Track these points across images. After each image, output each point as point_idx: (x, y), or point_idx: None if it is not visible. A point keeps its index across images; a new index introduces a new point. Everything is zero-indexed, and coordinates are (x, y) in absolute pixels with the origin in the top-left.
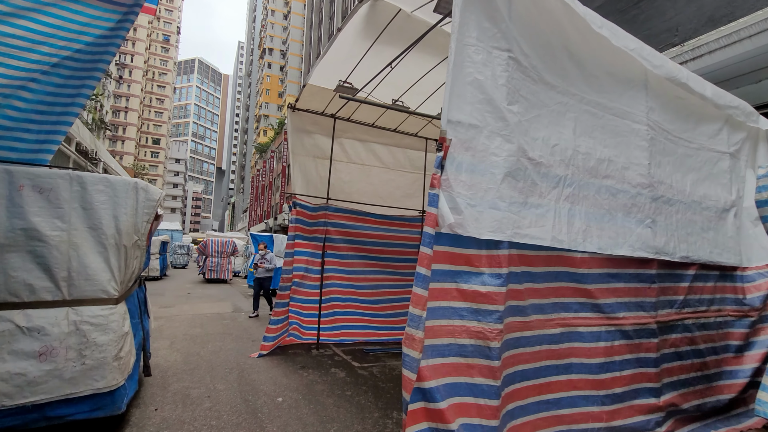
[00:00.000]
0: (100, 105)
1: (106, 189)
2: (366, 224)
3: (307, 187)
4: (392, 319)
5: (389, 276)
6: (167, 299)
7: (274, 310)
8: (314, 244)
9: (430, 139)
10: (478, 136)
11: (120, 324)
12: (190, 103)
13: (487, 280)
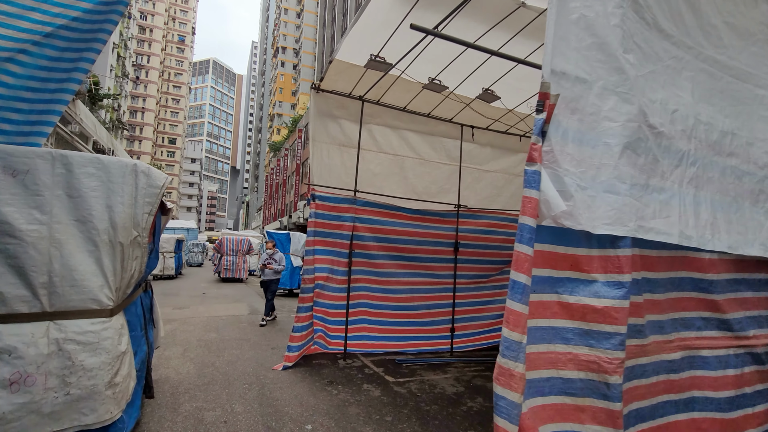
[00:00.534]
0: (118, 105)
1: (97, 172)
2: (398, 220)
3: (329, 177)
4: (429, 328)
5: (425, 279)
6: (182, 300)
7: (297, 316)
8: (339, 242)
9: (466, 126)
10: (587, 93)
11: (115, 341)
12: (204, 103)
13: (601, 291)
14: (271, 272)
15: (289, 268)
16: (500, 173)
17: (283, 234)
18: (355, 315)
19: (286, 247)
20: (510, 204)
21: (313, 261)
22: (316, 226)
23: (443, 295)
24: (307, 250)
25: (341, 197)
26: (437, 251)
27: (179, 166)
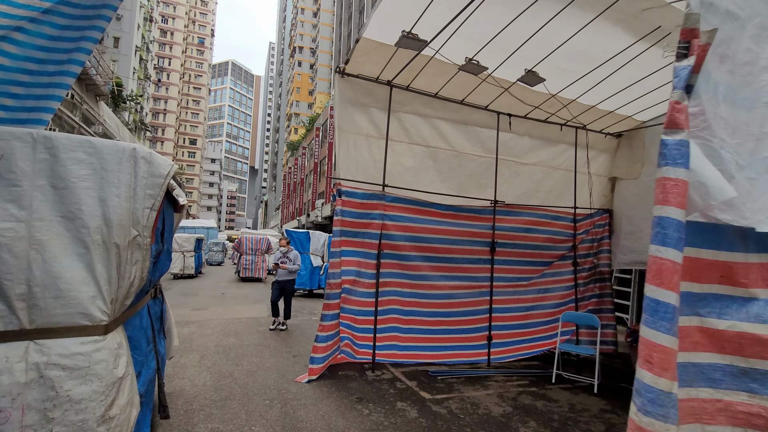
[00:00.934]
0: (140, 107)
1: (88, 158)
2: (430, 217)
3: (356, 171)
4: (464, 336)
5: (460, 282)
6: (201, 300)
7: (321, 324)
8: (367, 242)
9: (502, 114)
10: (739, 34)
11: (110, 365)
12: (224, 104)
13: (765, 313)
14: (284, 272)
15: (309, 268)
16: (539, 166)
17: (302, 233)
18: (384, 322)
19: (306, 247)
20: (549, 200)
21: (339, 264)
22: (343, 225)
23: (480, 300)
24: (332, 251)
25: (369, 193)
26: (473, 251)
27: (200, 166)
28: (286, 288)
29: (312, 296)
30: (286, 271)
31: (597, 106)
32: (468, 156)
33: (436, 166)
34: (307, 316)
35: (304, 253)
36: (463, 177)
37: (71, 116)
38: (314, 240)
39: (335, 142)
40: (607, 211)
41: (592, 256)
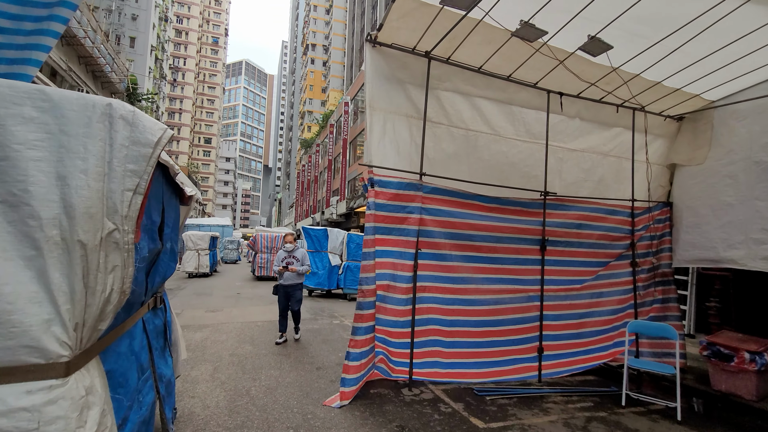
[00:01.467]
0: (156, 106)
1: (41, 116)
2: (473, 211)
3: (392, 156)
4: (514, 349)
5: (509, 286)
6: (215, 301)
7: (353, 339)
8: (402, 239)
9: (553, 93)
10: None
11: (71, 424)
12: (238, 104)
13: None
14: (293, 275)
15: (327, 267)
16: (588, 153)
17: (319, 230)
18: (424, 335)
19: (324, 245)
20: (598, 191)
21: (373, 266)
22: (377, 221)
23: (528, 306)
24: (365, 252)
25: (406, 182)
26: (521, 250)
27: (215, 165)
28: (294, 294)
29: (330, 296)
30: (294, 274)
31: (662, 82)
32: (511, 141)
33: (475, 153)
34: (328, 319)
35: (322, 251)
36: (504, 165)
37: None
38: (332, 237)
39: (367, 122)
40: (667, 204)
41: (651, 255)
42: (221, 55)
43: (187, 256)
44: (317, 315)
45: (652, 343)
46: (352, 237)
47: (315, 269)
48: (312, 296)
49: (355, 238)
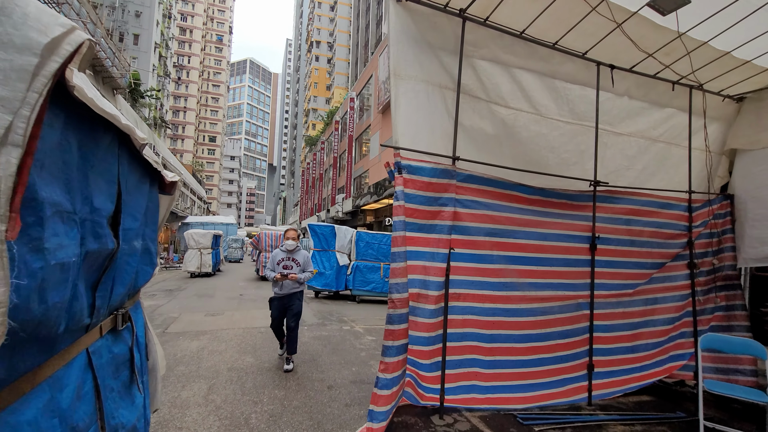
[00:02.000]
0: (161, 104)
1: None
2: (513, 204)
3: (429, 136)
4: (562, 367)
5: (555, 292)
6: (217, 303)
7: (384, 362)
8: (435, 238)
9: (603, 65)
10: None
11: None
12: (242, 102)
13: None
14: (292, 284)
15: (335, 267)
16: (635, 137)
17: (327, 227)
18: (458, 352)
19: (331, 243)
20: (639, 180)
21: (404, 270)
22: (407, 214)
23: (577, 315)
24: (395, 252)
25: (441, 168)
26: (570, 249)
27: (219, 163)
28: (292, 306)
29: (338, 298)
30: (294, 283)
31: (732, 53)
32: (552, 122)
33: (513, 135)
34: (337, 324)
35: (329, 250)
36: (543, 150)
37: None
38: (340, 236)
39: (392, 94)
40: (728, 197)
41: (711, 255)
42: (225, 54)
43: (189, 255)
44: (325, 319)
45: (717, 358)
46: (362, 235)
47: (322, 269)
48: (318, 297)
49: (365, 236)
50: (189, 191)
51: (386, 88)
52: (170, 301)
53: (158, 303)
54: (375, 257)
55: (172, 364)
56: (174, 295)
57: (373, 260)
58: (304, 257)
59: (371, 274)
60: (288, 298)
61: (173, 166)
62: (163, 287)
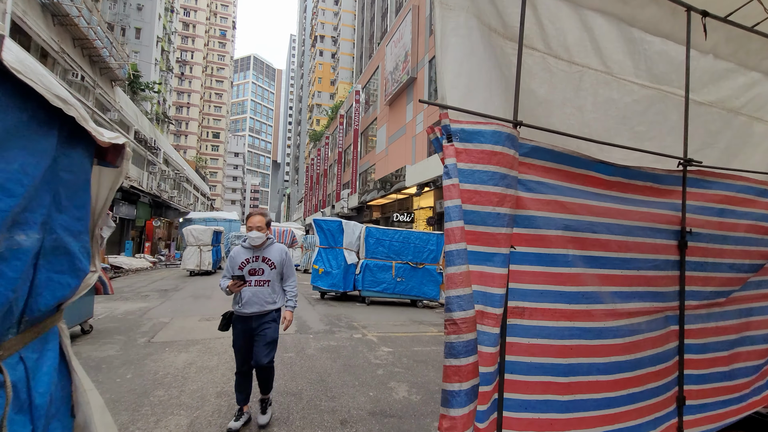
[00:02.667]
0: (163, 99)
1: None
2: (590, 188)
3: (487, 92)
4: (655, 402)
5: (642, 304)
6: (213, 305)
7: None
8: (494, 232)
9: (694, 11)
10: None
11: None
12: (246, 99)
13: None
14: (262, 296)
15: (342, 266)
16: (715, 108)
17: (333, 222)
18: (523, 390)
19: (338, 240)
20: (722, 161)
21: (467, 276)
22: (465, 199)
23: (667, 333)
24: (450, 251)
25: (506, 133)
26: (655, 248)
27: (223, 160)
28: (262, 333)
29: (346, 299)
30: (268, 298)
31: None
32: (625, 84)
33: (573, 101)
34: (347, 331)
35: (336, 247)
36: (611, 120)
37: (83, 100)
38: (348, 232)
39: (437, 31)
40: None
41: None
42: (229, 49)
43: (188, 253)
44: (333, 325)
45: None
46: (371, 231)
47: (329, 268)
48: (325, 299)
49: (375, 232)
50: (192, 187)
51: (393, 79)
52: (163, 303)
53: (150, 305)
54: (386, 255)
55: (149, 387)
56: (168, 296)
57: (384, 258)
58: (281, 256)
59: (382, 274)
60: (257, 320)
61: (174, 160)
62: (159, 287)
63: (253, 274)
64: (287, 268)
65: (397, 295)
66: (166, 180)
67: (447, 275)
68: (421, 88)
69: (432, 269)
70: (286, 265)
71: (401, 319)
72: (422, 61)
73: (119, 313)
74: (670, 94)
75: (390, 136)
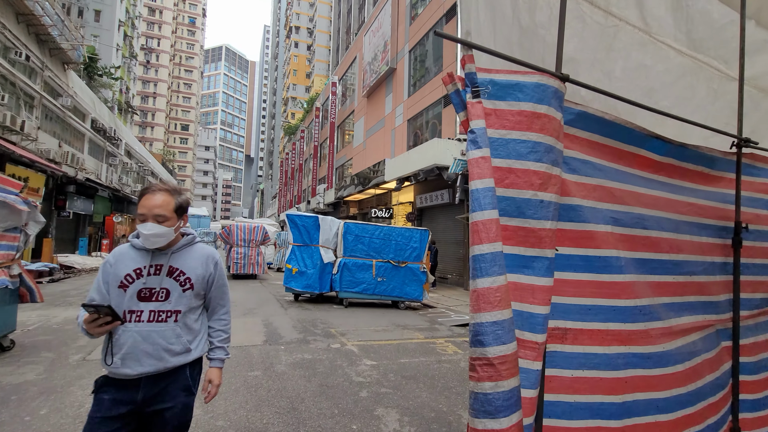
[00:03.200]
0: (127, 88)
1: None
2: (637, 170)
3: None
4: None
5: (698, 317)
6: None
7: None
8: (533, 227)
9: None
10: None
11: None
12: (218, 91)
13: None
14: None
15: (318, 265)
16: (749, 87)
17: (309, 218)
18: None
19: (314, 237)
20: None
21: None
22: (500, 179)
23: (719, 353)
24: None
25: (553, 88)
26: (703, 248)
27: (192, 153)
28: (164, 418)
29: (322, 301)
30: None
31: None
32: (661, 49)
33: (606, 61)
34: (323, 340)
35: (311, 245)
36: (638, 90)
37: (29, 83)
38: (325, 228)
39: None
40: None
41: None
42: (199, 37)
43: None
44: (308, 333)
45: None
46: (350, 227)
47: (303, 267)
48: (299, 301)
49: (354, 228)
50: (158, 181)
51: (371, 70)
52: None
53: None
54: (366, 253)
55: (68, 430)
56: None
57: (363, 257)
58: (205, 267)
59: (361, 273)
60: (147, 387)
61: (137, 151)
62: None
63: (147, 299)
64: (217, 289)
65: (378, 296)
66: (129, 173)
67: (477, 292)
68: (401, 79)
69: (415, 268)
70: (216, 283)
71: (383, 324)
72: (402, 50)
73: (56, 323)
74: (704, 65)
75: (368, 129)
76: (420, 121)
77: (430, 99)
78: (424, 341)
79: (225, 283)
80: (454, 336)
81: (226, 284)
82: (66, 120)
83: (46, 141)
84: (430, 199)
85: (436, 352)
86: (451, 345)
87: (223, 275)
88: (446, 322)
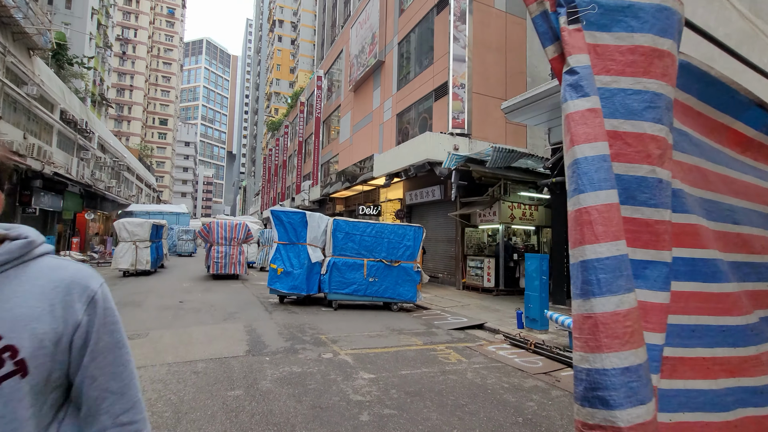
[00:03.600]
0: (101, 79)
1: None
2: (727, 149)
3: None
4: None
5: None
6: (144, 316)
7: None
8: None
9: None
10: None
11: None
12: (198, 85)
13: None
14: None
15: (305, 265)
16: None
17: (296, 215)
18: None
19: (301, 235)
20: None
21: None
22: (614, 141)
23: None
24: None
25: (675, 7)
26: None
27: (171, 149)
28: None
29: (310, 303)
30: None
31: None
32: (725, 8)
33: None
34: (313, 349)
35: (298, 243)
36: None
37: None
38: (313, 225)
39: None
40: None
41: None
42: (178, 29)
43: (121, 250)
44: (296, 340)
45: None
46: (340, 224)
47: (290, 267)
48: (284, 303)
49: (344, 225)
50: (134, 177)
51: (359, 63)
52: None
53: None
54: (357, 252)
55: None
56: None
57: (354, 256)
58: (54, 308)
59: (352, 273)
60: None
61: (112, 145)
62: None
63: None
64: (101, 358)
65: (370, 298)
66: (103, 168)
67: (595, 319)
68: (389, 72)
69: (409, 267)
70: (95, 344)
71: (377, 328)
72: (391, 43)
73: None
74: (760, 32)
75: (355, 124)
76: (409, 116)
77: (421, 92)
78: (423, 348)
79: (120, 341)
80: (454, 341)
81: (122, 344)
82: (32, 110)
83: (9, 132)
84: (420, 196)
85: (438, 361)
86: (453, 352)
87: (112, 324)
88: (443, 325)
